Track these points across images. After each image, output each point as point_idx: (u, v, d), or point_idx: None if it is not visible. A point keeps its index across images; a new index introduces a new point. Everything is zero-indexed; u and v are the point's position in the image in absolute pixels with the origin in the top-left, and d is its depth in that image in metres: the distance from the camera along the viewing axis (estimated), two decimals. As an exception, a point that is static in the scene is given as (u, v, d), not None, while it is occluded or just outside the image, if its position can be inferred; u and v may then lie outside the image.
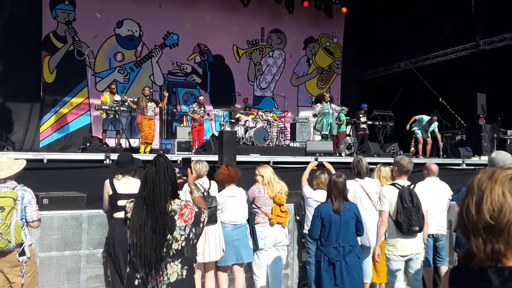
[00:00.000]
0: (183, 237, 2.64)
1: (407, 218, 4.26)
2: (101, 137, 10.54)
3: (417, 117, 12.04)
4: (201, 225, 2.73)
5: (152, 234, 2.57)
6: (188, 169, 3.11)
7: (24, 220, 3.81)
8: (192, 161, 3.63)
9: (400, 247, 4.39)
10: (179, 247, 2.63)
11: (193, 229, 2.67)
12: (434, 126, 11.94)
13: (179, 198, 2.76)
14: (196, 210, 2.72)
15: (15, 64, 11.40)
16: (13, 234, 3.64)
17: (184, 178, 3.06)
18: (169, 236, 2.61)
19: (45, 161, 6.78)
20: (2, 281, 3.74)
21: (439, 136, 12.04)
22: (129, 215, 2.73)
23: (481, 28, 13.29)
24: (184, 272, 2.64)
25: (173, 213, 2.63)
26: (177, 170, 2.98)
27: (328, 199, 4.30)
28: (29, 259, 3.82)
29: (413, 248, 4.40)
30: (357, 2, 16.28)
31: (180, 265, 2.64)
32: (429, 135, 11.86)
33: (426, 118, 11.92)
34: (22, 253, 3.75)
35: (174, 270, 2.62)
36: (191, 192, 3.06)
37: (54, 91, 13.14)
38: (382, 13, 15.92)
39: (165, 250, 2.60)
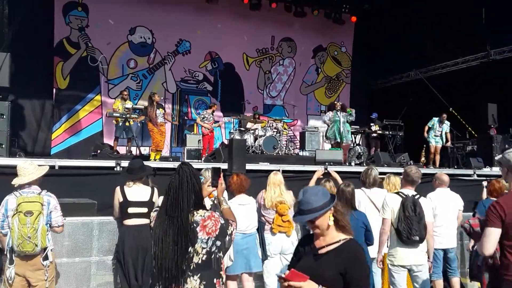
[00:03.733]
0: (204, 250, 2.53)
1: (407, 227, 4.25)
2: (112, 144, 10.62)
3: (429, 124, 12.04)
4: (227, 238, 2.61)
5: (174, 246, 2.48)
6: (219, 179, 2.95)
7: (48, 225, 3.91)
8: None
9: (400, 257, 4.36)
10: (200, 261, 2.52)
11: (217, 242, 2.55)
12: (447, 126, 11.96)
13: (204, 209, 2.64)
14: (222, 222, 2.61)
15: (28, 69, 11.46)
16: (39, 238, 3.77)
17: (215, 188, 2.94)
18: (190, 249, 2.50)
19: (56, 167, 6.83)
20: (21, 286, 3.80)
21: (449, 136, 11.98)
22: (152, 224, 2.67)
23: (492, 38, 13.23)
24: None
25: (195, 225, 2.52)
26: (202, 179, 2.89)
27: None
28: (51, 263, 3.92)
29: (414, 259, 4.36)
30: (367, 11, 16.29)
31: (198, 280, 2.52)
32: (443, 139, 11.83)
33: (436, 119, 11.96)
34: (46, 257, 3.87)
35: (192, 286, 2.50)
36: (220, 203, 2.95)
37: (67, 98, 13.24)
38: (392, 22, 15.89)
39: (185, 263, 2.50)
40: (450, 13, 13.84)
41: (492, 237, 2.81)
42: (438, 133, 11.93)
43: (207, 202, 3.88)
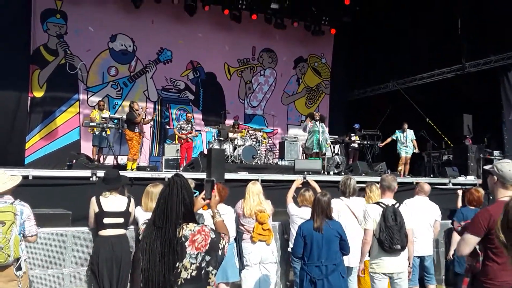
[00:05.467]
0: (193, 265, 2.44)
1: (389, 236, 4.30)
2: (89, 154, 10.47)
3: (393, 136, 12.33)
4: (220, 252, 2.53)
5: (161, 258, 2.41)
6: (214, 191, 2.85)
7: (21, 235, 3.83)
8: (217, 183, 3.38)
9: (383, 265, 4.41)
10: (188, 276, 2.43)
11: (207, 257, 2.48)
12: (411, 134, 12.26)
13: (195, 222, 2.55)
14: (213, 236, 2.52)
15: (1, 77, 11.26)
16: (12, 249, 3.69)
17: (208, 201, 2.83)
18: (178, 264, 2.42)
19: (30, 177, 6.69)
20: None
21: (415, 143, 12.27)
22: (140, 237, 2.60)
23: (467, 51, 13.56)
24: None
25: (183, 239, 2.44)
26: (197, 193, 2.83)
27: (312, 217, 4.32)
28: (24, 274, 3.85)
29: (396, 267, 4.41)
30: (346, 23, 16.54)
31: None
32: (411, 148, 12.17)
33: (398, 131, 12.32)
34: (19, 268, 3.79)
35: None
36: (213, 216, 2.87)
37: (43, 106, 13.01)
38: (370, 35, 16.18)
39: (172, 279, 2.41)
40: (426, 25, 14.15)
41: (469, 243, 2.98)
42: (405, 143, 12.17)
43: (206, 215, 3.80)
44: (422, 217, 5.62)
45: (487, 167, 3.29)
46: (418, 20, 14.48)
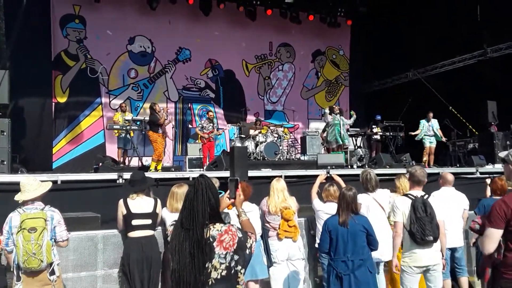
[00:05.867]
0: (223, 265, 2.46)
1: (420, 228, 4.23)
2: (114, 156, 10.63)
3: (420, 127, 12.06)
4: (247, 251, 2.54)
5: (191, 259, 2.44)
6: (238, 190, 2.85)
7: (53, 240, 3.93)
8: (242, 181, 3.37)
9: (416, 258, 4.33)
10: (219, 276, 2.45)
11: (235, 256, 2.49)
12: (436, 123, 11.99)
13: (222, 222, 2.57)
14: (240, 235, 2.54)
15: (26, 85, 11.43)
16: (45, 254, 3.79)
17: (233, 200, 2.83)
18: (207, 264, 2.45)
19: (59, 182, 6.83)
20: None
21: (440, 132, 12.02)
22: (169, 238, 2.66)
23: (488, 36, 13.26)
24: None
25: (211, 240, 2.47)
26: (222, 193, 2.84)
27: (338, 212, 4.30)
28: (58, 278, 3.94)
29: (430, 259, 4.33)
30: (362, 14, 16.35)
31: None
32: (437, 137, 11.91)
33: (423, 121, 12.01)
34: (52, 272, 3.90)
35: None
36: (238, 216, 2.86)
37: (67, 111, 13.29)
38: (388, 24, 15.95)
39: (203, 279, 2.44)
40: (445, 12, 13.88)
41: (493, 237, 2.87)
42: (430, 132, 11.95)
43: (232, 214, 3.83)
44: (451, 208, 5.52)
45: (502, 154, 3.21)
46: (436, 7, 14.21)
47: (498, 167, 10.38)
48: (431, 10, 14.37)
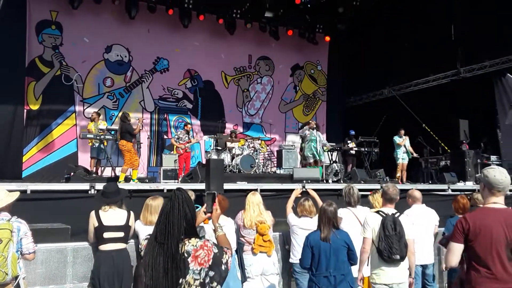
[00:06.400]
0: (197, 281, 2.40)
1: (388, 246, 4.27)
2: (87, 166, 10.41)
3: (396, 140, 12.30)
4: (223, 267, 2.49)
5: (164, 274, 2.37)
6: (215, 204, 2.83)
7: (19, 252, 3.79)
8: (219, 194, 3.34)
9: (382, 276, 4.37)
10: None
11: (210, 273, 2.43)
12: (406, 140, 12.27)
13: (197, 237, 2.51)
14: (216, 251, 2.48)
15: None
16: (10, 267, 3.64)
17: (210, 214, 2.79)
18: (181, 280, 2.38)
19: (28, 191, 6.65)
20: None
21: (411, 149, 12.33)
22: (142, 252, 2.56)
23: (462, 56, 13.65)
24: None
25: (186, 255, 2.40)
26: (199, 208, 2.79)
27: (319, 227, 4.30)
28: None
29: (395, 278, 4.36)
30: (340, 31, 16.63)
31: None
32: (411, 154, 12.25)
33: (395, 137, 12.32)
34: (18, 286, 3.76)
35: None
36: (214, 230, 2.83)
37: (40, 118, 12.94)
38: (365, 42, 16.27)
39: None
40: (421, 32, 14.23)
41: (454, 251, 3.01)
42: (402, 149, 12.21)
43: (207, 228, 3.75)
44: (422, 226, 5.61)
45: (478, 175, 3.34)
46: (412, 27, 14.59)
47: (469, 184, 10.63)
48: (408, 29, 14.73)
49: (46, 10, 13.35)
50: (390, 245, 4.27)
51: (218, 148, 11.70)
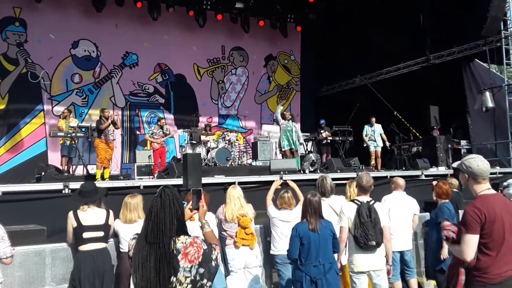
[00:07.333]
0: (188, 279, 2.37)
1: (363, 233, 4.35)
2: (57, 165, 10.15)
3: (363, 132, 12.49)
4: (213, 263, 2.47)
5: (156, 274, 2.34)
6: (201, 201, 2.79)
7: None
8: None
9: (358, 263, 4.45)
10: None
11: (200, 270, 2.40)
12: (378, 128, 12.48)
13: (186, 235, 2.48)
14: (205, 247, 2.46)
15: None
16: None
17: (196, 211, 2.77)
18: (172, 279, 2.35)
19: (0, 193, 6.43)
20: None
21: (384, 137, 12.53)
22: (131, 253, 2.50)
23: (431, 43, 13.89)
24: None
25: (175, 252, 2.37)
26: (186, 204, 2.74)
27: (304, 218, 4.31)
28: None
29: (372, 264, 4.45)
30: (311, 21, 16.67)
31: None
32: (381, 141, 12.41)
33: (366, 126, 12.49)
34: None
35: None
36: (201, 227, 2.80)
37: (6, 118, 12.55)
38: (336, 31, 16.36)
39: None
40: (390, 20, 14.39)
41: (473, 244, 2.95)
42: (373, 137, 12.39)
43: (194, 226, 3.70)
44: (401, 212, 5.70)
45: (455, 164, 3.34)
46: (381, 15, 14.73)
47: (442, 169, 10.87)
48: (378, 18, 14.87)
49: (9, 6, 12.91)
50: (366, 232, 4.35)
51: (193, 142, 11.59)
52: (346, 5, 15.38)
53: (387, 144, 12.61)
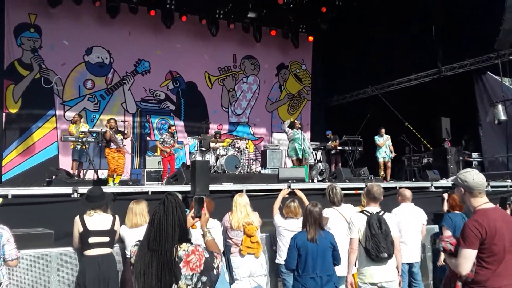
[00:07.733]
0: (189, 287, 2.37)
1: (375, 244, 4.28)
2: (68, 169, 10.24)
3: (376, 141, 12.38)
4: (214, 271, 2.46)
5: (157, 281, 2.34)
6: (203, 209, 2.78)
7: (1, 259, 3.69)
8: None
9: (370, 275, 4.37)
10: None
11: (203, 278, 2.39)
12: (387, 139, 12.34)
13: (188, 242, 2.48)
14: (207, 256, 2.45)
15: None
16: None
17: (198, 219, 2.76)
18: (174, 286, 2.35)
19: (9, 196, 6.48)
20: None
21: (392, 148, 12.43)
22: (132, 259, 2.50)
23: (443, 55, 13.81)
24: None
25: (177, 260, 2.37)
26: (187, 211, 2.72)
27: (304, 228, 4.28)
28: None
29: (384, 276, 4.38)
30: (323, 31, 16.70)
31: None
32: (390, 152, 12.27)
33: (376, 137, 12.38)
34: None
35: None
36: (203, 235, 2.78)
37: (19, 122, 12.73)
38: (348, 41, 16.35)
39: None
40: (402, 31, 14.35)
41: (471, 258, 2.91)
42: (382, 148, 12.30)
43: (198, 234, 3.72)
44: (410, 224, 5.65)
45: (450, 179, 3.30)
46: (394, 26, 14.69)
47: (452, 181, 10.72)
48: (390, 28, 14.84)
49: (25, 13, 13.13)
50: (377, 244, 4.28)
51: (203, 149, 11.63)
52: (358, 15, 15.40)
53: (393, 155, 12.51)
